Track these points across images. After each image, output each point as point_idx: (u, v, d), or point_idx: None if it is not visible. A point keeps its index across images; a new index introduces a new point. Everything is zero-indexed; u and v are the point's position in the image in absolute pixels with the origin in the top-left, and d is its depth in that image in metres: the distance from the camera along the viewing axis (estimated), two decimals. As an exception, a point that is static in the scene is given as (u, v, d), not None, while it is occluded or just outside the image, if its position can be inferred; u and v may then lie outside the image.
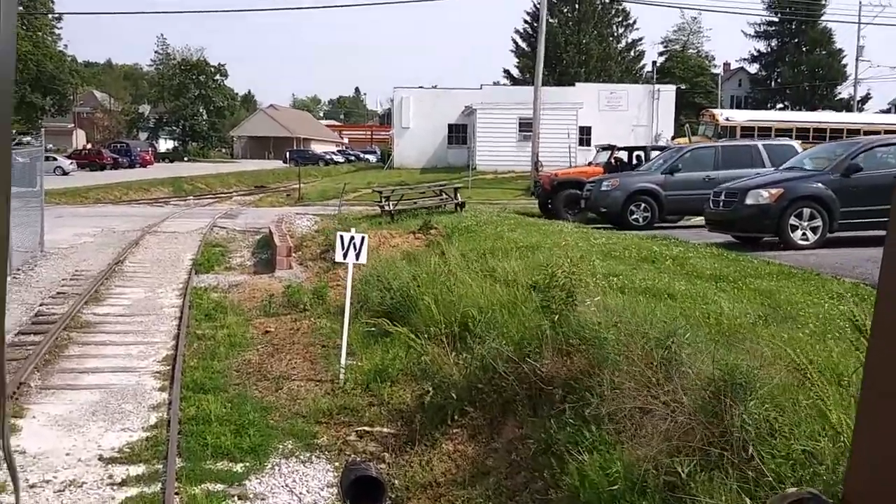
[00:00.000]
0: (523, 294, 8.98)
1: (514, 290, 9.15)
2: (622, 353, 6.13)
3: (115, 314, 12.46)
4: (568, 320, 7.11)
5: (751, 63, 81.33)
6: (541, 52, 35.08)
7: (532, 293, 9.06)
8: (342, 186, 35.74)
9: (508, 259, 11.20)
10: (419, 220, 17.61)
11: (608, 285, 8.75)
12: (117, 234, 21.05)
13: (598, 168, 21.25)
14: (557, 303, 7.32)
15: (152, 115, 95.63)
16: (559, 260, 9.73)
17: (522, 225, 15.85)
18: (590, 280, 8.11)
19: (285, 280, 14.90)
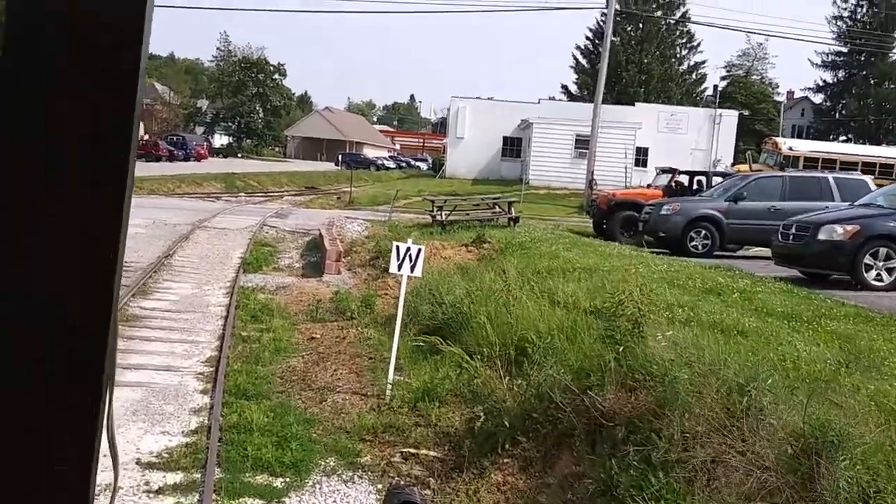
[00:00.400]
0: (583, 320, 8.58)
1: (573, 315, 8.75)
2: (695, 394, 5.70)
3: (161, 309, 12.33)
4: (634, 353, 6.69)
5: (815, 93, 79.51)
6: (603, 70, 34.57)
7: (593, 319, 8.66)
8: (393, 193, 35.63)
9: (566, 280, 10.81)
10: (471, 232, 17.28)
11: (672, 316, 8.30)
12: (168, 227, 21.09)
13: (658, 191, 20.69)
14: (623, 333, 6.91)
15: (210, 110, 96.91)
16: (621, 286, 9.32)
17: (578, 245, 15.42)
18: (653, 310, 7.65)
19: (333, 285, 14.66)
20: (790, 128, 78.87)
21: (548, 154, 39.49)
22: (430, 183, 43.43)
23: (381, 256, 16.09)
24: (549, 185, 39.21)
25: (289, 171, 58.64)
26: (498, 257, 13.81)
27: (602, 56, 34.80)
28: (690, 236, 17.04)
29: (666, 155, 42.21)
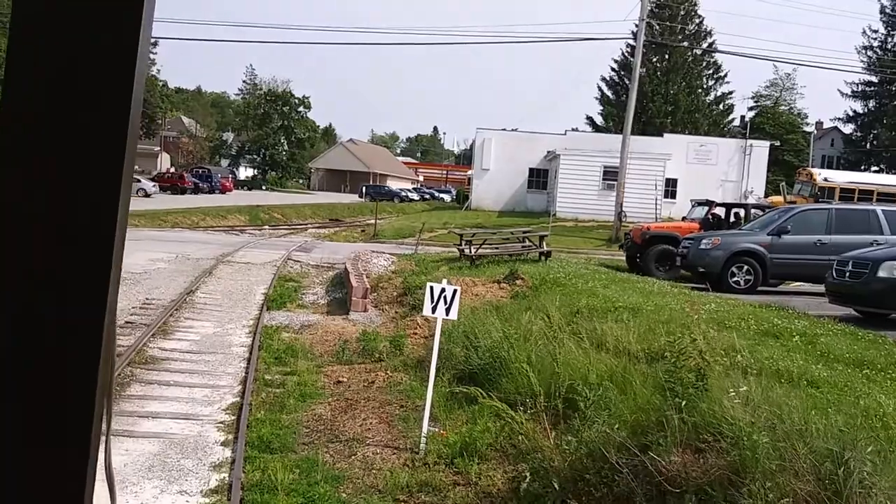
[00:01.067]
0: (634, 366, 7.92)
1: (622, 362, 8.09)
2: (778, 460, 5.01)
3: (181, 350, 11.80)
4: (698, 408, 6.02)
5: (845, 123, 78.38)
6: (632, 101, 34.02)
7: (644, 366, 8.00)
8: (419, 226, 35.13)
9: (608, 321, 10.14)
10: (502, 267, 16.65)
11: (730, 363, 7.60)
12: (191, 262, 20.68)
13: (694, 224, 19.97)
14: (684, 385, 6.24)
15: (235, 143, 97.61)
16: (675, 329, 8.65)
17: (616, 281, 14.74)
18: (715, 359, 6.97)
19: (360, 324, 14.08)
20: (820, 158, 77.82)
21: (575, 186, 38.84)
22: (455, 215, 42.91)
23: (409, 293, 15.53)
24: (577, 216, 38.52)
25: (313, 203, 58.43)
26: (532, 295, 13.17)
27: (631, 87, 34.28)
28: (731, 271, 16.28)
29: (695, 186, 41.41)
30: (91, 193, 0.83)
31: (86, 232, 0.83)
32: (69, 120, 0.82)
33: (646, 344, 8.70)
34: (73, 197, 0.83)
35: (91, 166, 0.83)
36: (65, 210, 0.83)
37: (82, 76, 0.83)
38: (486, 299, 13.40)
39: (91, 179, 0.83)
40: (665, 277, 18.28)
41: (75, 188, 0.83)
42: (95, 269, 0.84)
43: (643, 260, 19.53)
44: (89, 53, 0.82)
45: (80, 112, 0.82)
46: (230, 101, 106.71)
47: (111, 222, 0.84)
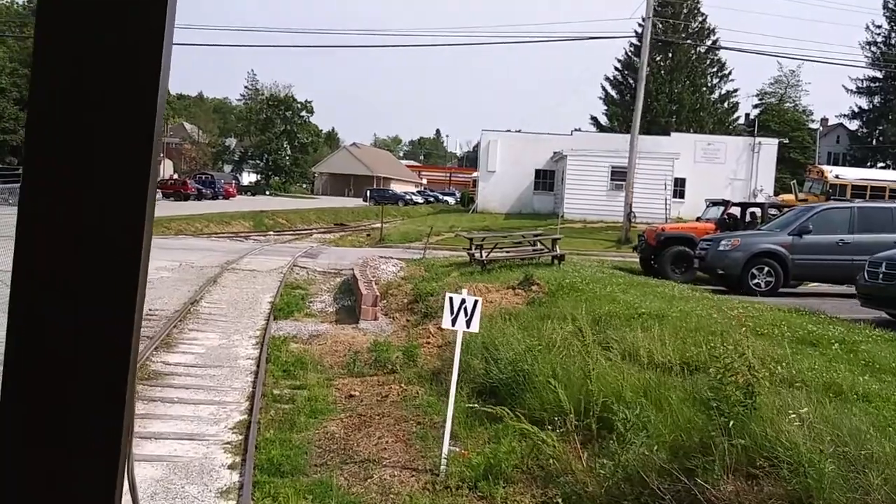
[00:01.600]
0: (667, 379, 7.43)
1: (654, 374, 7.60)
2: (849, 491, 4.52)
3: (186, 364, 11.33)
4: (749, 429, 5.53)
5: (851, 119, 77.80)
6: (640, 100, 33.54)
7: (676, 379, 7.51)
8: (426, 229, 34.67)
9: (633, 329, 9.65)
10: (515, 272, 16.17)
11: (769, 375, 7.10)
12: (195, 270, 20.23)
13: (710, 224, 19.44)
14: (731, 404, 5.75)
15: (238, 149, 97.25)
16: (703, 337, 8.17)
17: (634, 285, 14.24)
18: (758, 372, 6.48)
19: (370, 333, 13.61)
20: (826, 155, 77.23)
21: (583, 186, 38.29)
22: (461, 218, 42.44)
23: (421, 300, 15.07)
24: (585, 218, 38.00)
25: (317, 208, 58.06)
26: (549, 301, 12.68)
27: (638, 85, 33.78)
28: (752, 273, 15.77)
29: (703, 186, 40.88)
30: (118, 202, 0.85)
31: (114, 240, 0.85)
32: (94, 127, 0.84)
33: (677, 354, 8.21)
34: (99, 206, 0.85)
35: (118, 174, 0.85)
36: (93, 218, 0.85)
37: (108, 86, 0.84)
38: (502, 306, 12.91)
39: (118, 187, 0.85)
40: (681, 280, 17.79)
41: (102, 197, 0.85)
42: (124, 275, 0.86)
43: (658, 262, 19.02)
44: (114, 64, 0.84)
45: (104, 120, 0.84)
46: (232, 106, 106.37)
47: (139, 230, 0.86)
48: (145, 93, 0.84)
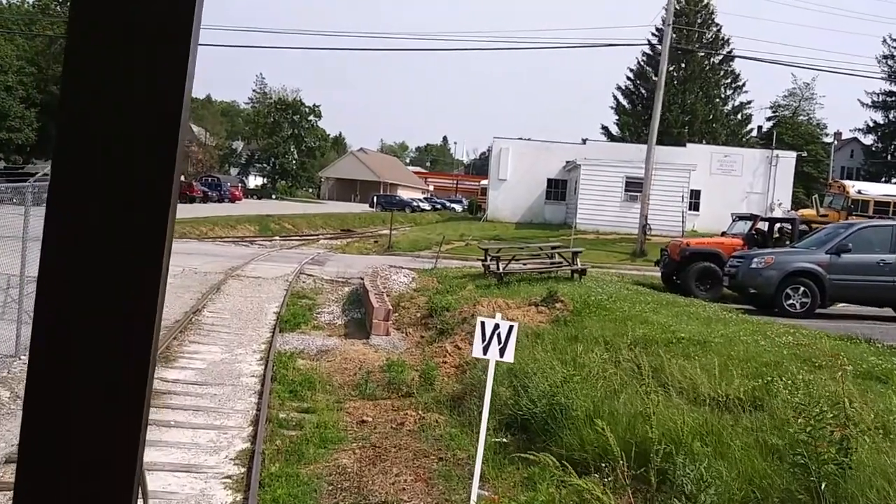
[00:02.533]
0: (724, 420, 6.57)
1: (709, 413, 6.75)
2: None
3: (185, 381, 10.50)
4: (844, 491, 4.67)
5: (866, 134, 76.89)
6: (657, 109, 32.75)
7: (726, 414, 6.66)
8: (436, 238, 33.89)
9: (673, 356, 8.80)
10: (535, 286, 15.33)
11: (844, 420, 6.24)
12: (198, 277, 19.42)
13: (737, 239, 18.56)
14: (821, 462, 4.89)
15: (245, 152, 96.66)
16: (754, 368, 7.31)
17: (663, 304, 13.39)
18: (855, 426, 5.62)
19: (382, 349, 12.78)
20: (839, 169, 76.41)
21: (596, 197, 37.39)
22: (471, 226, 41.55)
23: (435, 314, 14.24)
24: (598, 229, 37.11)
25: (323, 213, 57.23)
26: (574, 320, 11.83)
27: (656, 94, 33.00)
28: (786, 293, 14.90)
29: (719, 198, 40.02)
30: (142, 206, 0.86)
31: (137, 243, 0.86)
32: (120, 131, 0.86)
33: (730, 388, 7.36)
34: (124, 209, 0.86)
35: (143, 179, 0.86)
36: (117, 220, 0.86)
37: (135, 92, 0.85)
38: (525, 324, 12.03)
39: (143, 190, 0.86)
40: (707, 298, 16.93)
41: (127, 199, 0.86)
42: (147, 277, 0.87)
43: (682, 279, 18.14)
44: (141, 71, 0.86)
45: (131, 124, 0.85)
46: (240, 109, 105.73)
47: (161, 233, 0.87)
48: (170, 98, 0.86)
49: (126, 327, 0.86)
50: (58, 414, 0.85)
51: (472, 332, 12.47)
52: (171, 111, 0.86)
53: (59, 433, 0.86)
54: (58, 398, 0.85)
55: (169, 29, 0.85)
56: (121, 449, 0.86)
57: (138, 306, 0.86)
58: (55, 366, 0.85)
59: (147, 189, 0.86)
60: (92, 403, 0.85)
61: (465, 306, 13.56)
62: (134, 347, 0.86)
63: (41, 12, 53.88)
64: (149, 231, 0.86)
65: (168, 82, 0.86)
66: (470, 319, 12.96)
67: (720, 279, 17.71)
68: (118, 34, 0.85)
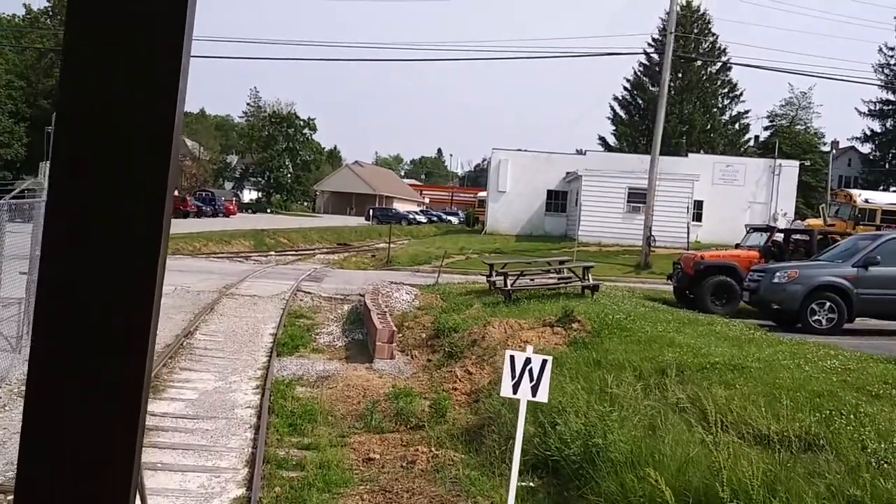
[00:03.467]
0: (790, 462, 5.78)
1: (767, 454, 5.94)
2: None
3: (174, 415, 9.66)
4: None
5: (863, 143, 76.50)
6: (660, 119, 32.05)
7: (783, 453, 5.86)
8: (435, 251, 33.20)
9: (709, 384, 8.00)
10: (546, 304, 14.52)
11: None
12: (191, 296, 18.57)
13: (753, 252, 17.77)
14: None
15: (239, 166, 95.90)
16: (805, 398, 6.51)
17: (684, 322, 12.58)
18: None
19: (387, 375, 11.95)
20: (837, 178, 75.96)
21: (598, 208, 36.58)
22: (470, 239, 40.74)
23: (442, 336, 13.43)
24: (600, 241, 36.32)
25: (319, 226, 56.40)
26: (594, 342, 11.02)
27: (659, 102, 32.28)
28: (811, 309, 14.12)
29: (722, 208, 39.36)
30: (137, 218, 0.88)
31: (133, 250, 0.88)
32: (116, 142, 0.87)
33: (787, 424, 6.55)
34: (119, 219, 0.88)
35: (138, 190, 0.88)
36: (113, 231, 0.88)
37: (129, 104, 0.87)
38: (540, 347, 11.22)
39: (137, 204, 0.87)
40: (723, 313, 16.16)
41: (122, 211, 0.88)
42: (143, 282, 0.88)
43: (697, 293, 17.35)
44: (134, 84, 0.87)
45: (126, 135, 0.87)
46: (234, 123, 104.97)
47: (156, 239, 0.89)
48: (165, 111, 0.87)
49: (124, 329, 0.87)
50: (57, 418, 0.87)
51: (483, 356, 11.70)
52: (166, 121, 0.88)
53: (59, 436, 0.87)
54: (57, 403, 0.87)
55: (162, 38, 0.87)
56: (119, 450, 0.87)
57: (135, 310, 0.87)
58: (54, 371, 0.87)
59: (142, 198, 0.87)
60: (90, 408, 0.87)
61: (475, 327, 12.74)
62: (131, 350, 0.87)
63: (30, 25, 53.15)
64: (146, 232, 0.88)
65: (162, 92, 0.87)
66: (480, 342, 12.17)
67: (737, 294, 16.94)
68: (113, 43, 0.86)
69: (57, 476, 0.86)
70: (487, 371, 11.00)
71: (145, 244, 0.88)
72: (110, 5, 0.86)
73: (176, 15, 0.86)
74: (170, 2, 0.87)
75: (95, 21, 0.86)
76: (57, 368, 0.87)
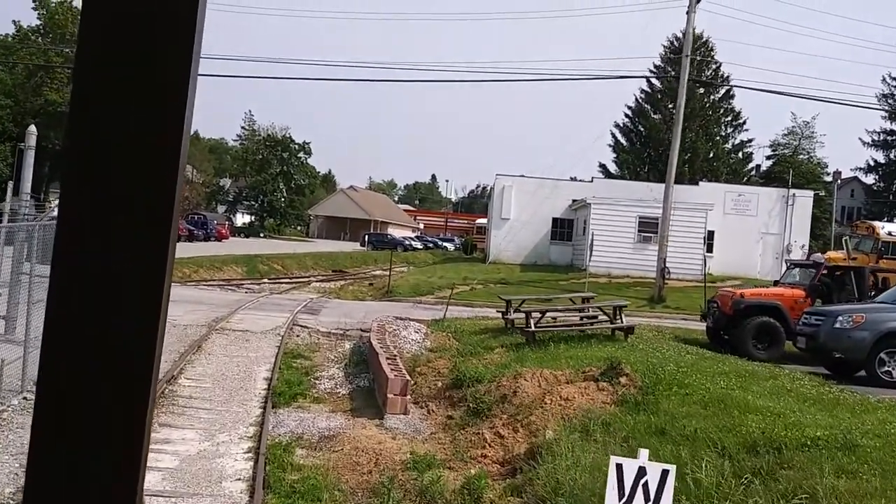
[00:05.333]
0: None
1: None
2: None
3: (149, 490, 7.89)
4: None
5: (867, 173, 75.50)
6: (675, 146, 30.66)
7: None
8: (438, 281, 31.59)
9: (821, 472, 6.32)
10: (575, 349, 12.85)
11: None
12: (177, 331, 16.82)
13: (798, 290, 16.11)
14: None
15: (232, 189, 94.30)
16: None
17: (745, 375, 10.91)
18: None
19: (402, 435, 10.23)
20: (840, 210, 74.89)
21: (608, 238, 34.85)
22: (472, 268, 39.05)
23: (463, 386, 11.72)
24: (610, 272, 34.68)
25: (313, 252, 54.65)
26: (649, 402, 9.34)
27: (674, 128, 30.88)
28: (881, 359, 12.49)
29: (733, 239, 37.87)
30: (142, 255, 0.89)
31: (143, 244, 0.89)
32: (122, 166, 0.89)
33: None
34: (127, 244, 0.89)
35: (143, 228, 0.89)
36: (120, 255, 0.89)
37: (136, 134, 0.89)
38: (584, 407, 9.53)
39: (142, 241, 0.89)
40: (766, 358, 14.53)
41: (127, 251, 0.89)
42: (151, 295, 0.90)
43: (736, 335, 15.66)
44: (141, 123, 0.89)
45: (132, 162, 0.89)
46: (228, 147, 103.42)
47: (164, 247, 0.91)
48: (174, 127, 0.90)
49: (132, 342, 0.88)
50: (65, 433, 0.87)
51: (516, 415, 9.97)
52: (174, 137, 0.90)
53: (66, 443, 0.87)
54: (65, 416, 0.87)
55: (172, 56, 0.88)
56: (125, 462, 0.86)
57: (141, 330, 0.88)
58: (63, 379, 0.88)
59: (148, 215, 0.89)
60: (96, 427, 0.88)
61: (503, 379, 11.01)
62: (138, 364, 0.88)
63: (19, 43, 51.61)
64: (153, 244, 0.89)
65: (171, 110, 0.89)
66: (511, 397, 10.45)
67: (781, 337, 15.30)
68: (124, 61, 0.87)
69: (64, 480, 0.86)
70: (523, 435, 9.30)
71: (153, 253, 0.89)
72: (121, 24, 0.87)
73: (185, 35, 0.88)
74: (179, 24, 0.88)
75: (107, 39, 0.87)
76: (66, 380, 0.88)
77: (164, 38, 0.87)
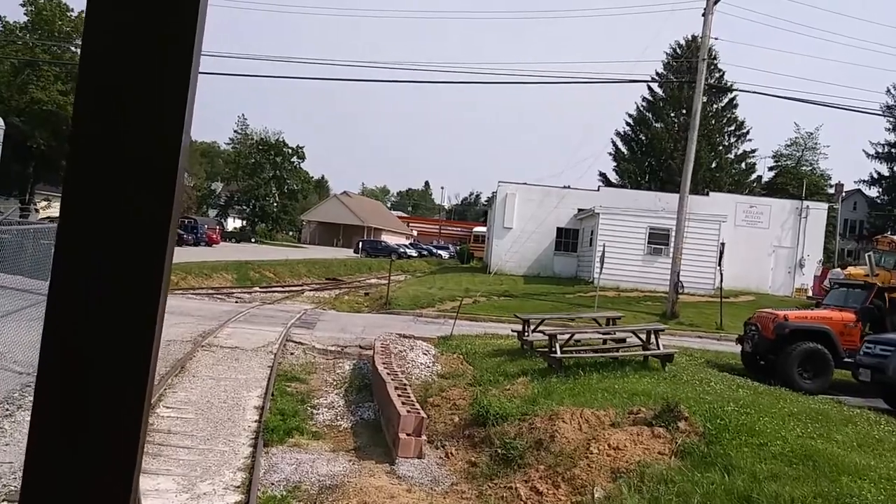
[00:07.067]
0: None
1: None
2: None
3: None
4: None
5: (870, 186, 74.32)
6: (691, 153, 29.11)
7: None
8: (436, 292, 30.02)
9: None
10: (609, 378, 11.29)
11: None
12: (161, 349, 15.14)
13: (848, 314, 14.59)
14: None
15: (224, 193, 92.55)
16: None
17: (817, 417, 9.34)
18: None
19: (418, 486, 8.62)
20: (843, 222, 73.73)
21: (617, 249, 33.26)
22: (473, 279, 37.42)
23: (486, 423, 10.11)
24: (618, 285, 33.14)
25: (306, 259, 52.90)
26: (716, 455, 7.76)
27: (690, 136, 29.32)
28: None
29: (745, 252, 36.49)
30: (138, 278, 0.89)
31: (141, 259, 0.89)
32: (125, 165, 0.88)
33: None
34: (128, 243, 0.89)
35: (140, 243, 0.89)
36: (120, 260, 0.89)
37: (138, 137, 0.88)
38: (637, 460, 7.94)
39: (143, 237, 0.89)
40: (813, 389, 13.03)
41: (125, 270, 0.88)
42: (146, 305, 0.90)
43: (779, 363, 14.12)
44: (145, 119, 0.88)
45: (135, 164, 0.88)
46: (220, 150, 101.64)
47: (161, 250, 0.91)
48: (173, 130, 0.89)
49: (126, 349, 0.87)
50: (62, 426, 0.87)
51: (555, 466, 8.36)
52: (173, 141, 0.88)
53: (63, 444, 0.87)
54: (63, 416, 0.87)
55: (172, 61, 0.87)
56: (120, 460, 0.87)
57: (138, 332, 0.88)
58: (60, 386, 0.87)
59: (146, 220, 0.88)
60: (94, 427, 0.87)
61: (538, 420, 9.38)
62: (134, 370, 0.88)
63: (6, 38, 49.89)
64: (153, 245, 0.88)
65: (170, 112, 0.88)
66: (549, 443, 8.85)
67: (830, 365, 13.81)
68: (126, 65, 0.87)
69: (63, 482, 0.86)
70: (565, 492, 7.72)
71: (152, 255, 0.89)
72: (124, 29, 0.86)
73: (185, 42, 0.87)
74: (180, 29, 0.87)
75: (110, 44, 0.86)
76: (62, 387, 0.87)
77: (166, 45, 0.87)
